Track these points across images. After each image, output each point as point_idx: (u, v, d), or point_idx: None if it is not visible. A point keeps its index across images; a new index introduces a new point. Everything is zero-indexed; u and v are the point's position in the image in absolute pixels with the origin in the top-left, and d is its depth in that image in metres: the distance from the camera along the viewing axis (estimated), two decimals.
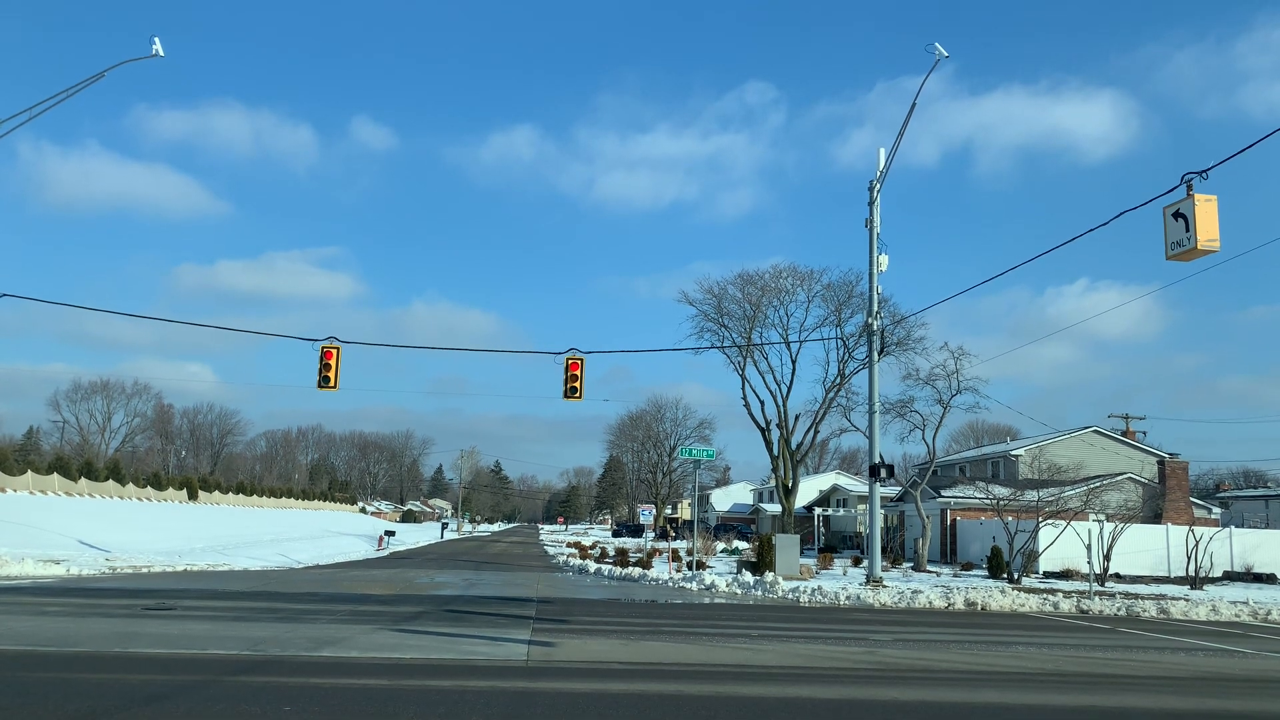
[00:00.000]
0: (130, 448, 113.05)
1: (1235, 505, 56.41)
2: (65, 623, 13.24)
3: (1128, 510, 36.75)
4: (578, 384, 25.04)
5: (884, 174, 26.67)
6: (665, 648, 12.73)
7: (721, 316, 48.44)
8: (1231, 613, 21.53)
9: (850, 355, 46.12)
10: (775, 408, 48.47)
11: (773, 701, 9.00)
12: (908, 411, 40.46)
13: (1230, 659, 14.01)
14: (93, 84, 21.42)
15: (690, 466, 61.33)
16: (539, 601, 19.48)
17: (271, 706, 7.91)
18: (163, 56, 21.09)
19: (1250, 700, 10.18)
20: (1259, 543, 37.14)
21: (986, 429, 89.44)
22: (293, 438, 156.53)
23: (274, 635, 12.41)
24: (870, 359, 28.12)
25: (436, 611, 16.66)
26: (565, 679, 9.91)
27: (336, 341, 24.70)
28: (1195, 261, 12.93)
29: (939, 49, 23.74)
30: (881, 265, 26.55)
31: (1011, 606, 21.99)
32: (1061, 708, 9.23)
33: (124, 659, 10.30)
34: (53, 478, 60.98)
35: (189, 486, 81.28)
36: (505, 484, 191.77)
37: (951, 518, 44.25)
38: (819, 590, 23.26)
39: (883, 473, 26.51)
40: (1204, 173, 12.43)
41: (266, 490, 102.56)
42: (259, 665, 10.08)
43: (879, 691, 9.84)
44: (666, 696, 8.99)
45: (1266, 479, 73.69)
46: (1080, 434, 52.32)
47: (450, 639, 12.72)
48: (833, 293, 46.74)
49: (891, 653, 13.01)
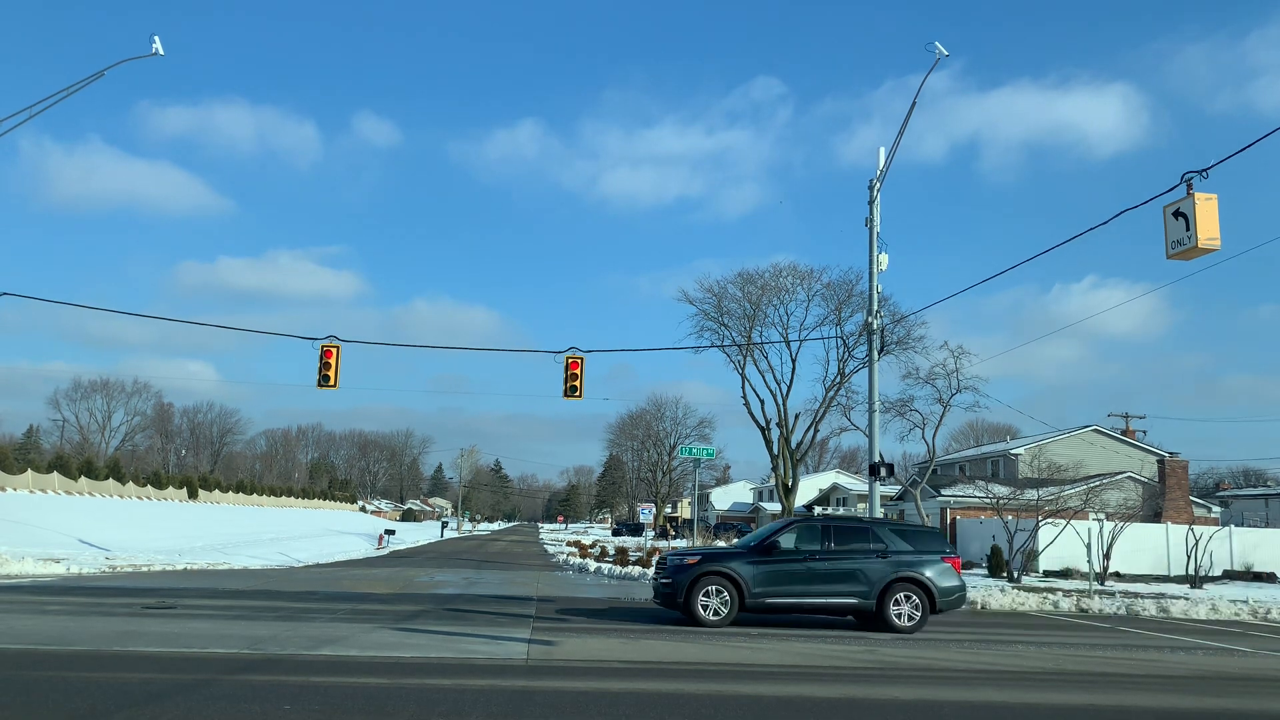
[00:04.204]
0: (130, 446, 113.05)
1: (1235, 504, 56.43)
2: (65, 621, 13.25)
3: (1127, 509, 36.73)
4: (578, 383, 25.05)
5: (884, 173, 26.66)
6: (665, 646, 12.74)
7: (721, 315, 48.42)
8: (1231, 611, 21.54)
9: (850, 354, 46.09)
10: (775, 406, 48.47)
11: (772, 700, 9.00)
12: (907, 410, 40.40)
13: (1230, 658, 14.02)
14: (93, 82, 21.42)
15: (690, 465, 61.46)
16: (539, 600, 19.50)
17: (272, 705, 7.91)
18: (163, 55, 21.09)
19: (1250, 699, 10.18)
20: (1259, 542, 37.15)
21: (986, 428, 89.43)
22: (293, 436, 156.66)
23: (274, 634, 12.42)
24: (870, 358, 28.10)
25: (436, 610, 16.67)
26: (565, 678, 9.92)
27: (336, 340, 24.72)
28: (1198, 260, 12.94)
29: (939, 48, 23.73)
30: (881, 264, 26.55)
31: (1011, 605, 22.00)
32: (1061, 706, 9.23)
33: (124, 658, 10.30)
34: (53, 476, 60.97)
35: (189, 485, 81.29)
36: (505, 483, 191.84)
37: (951, 516, 44.26)
38: None
39: (882, 471, 26.51)
40: (1204, 171, 12.43)
41: (266, 489, 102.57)
42: (259, 664, 10.09)
43: (879, 690, 9.85)
44: (666, 695, 9.00)
45: (1266, 478, 73.70)
46: (1080, 433, 52.34)
47: (450, 638, 12.73)
48: (833, 291, 46.72)
49: (891, 651, 13.02)
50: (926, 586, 15.56)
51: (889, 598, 15.45)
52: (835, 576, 15.58)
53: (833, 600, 15.61)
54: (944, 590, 15.68)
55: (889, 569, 15.60)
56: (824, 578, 15.57)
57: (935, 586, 15.58)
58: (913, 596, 15.51)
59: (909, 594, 15.51)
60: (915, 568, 15.68)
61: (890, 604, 15.42)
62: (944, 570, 15.88)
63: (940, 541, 16.75)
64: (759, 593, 15.30)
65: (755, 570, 15.42)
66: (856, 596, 15.53)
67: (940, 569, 15.84)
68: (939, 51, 23.82)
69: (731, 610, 15.18)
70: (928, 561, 15.83)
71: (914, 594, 15.52)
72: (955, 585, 15.95)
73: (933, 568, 15.77)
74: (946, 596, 15.74)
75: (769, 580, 15.41)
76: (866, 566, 15.62)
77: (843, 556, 15.75)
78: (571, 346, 24.97)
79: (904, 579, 15.55)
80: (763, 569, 15.47)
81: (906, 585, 15.54)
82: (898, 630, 15.27)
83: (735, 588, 15.25)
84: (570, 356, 24.99)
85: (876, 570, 15.58)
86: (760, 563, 15.56)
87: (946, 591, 15.73)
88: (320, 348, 24.61)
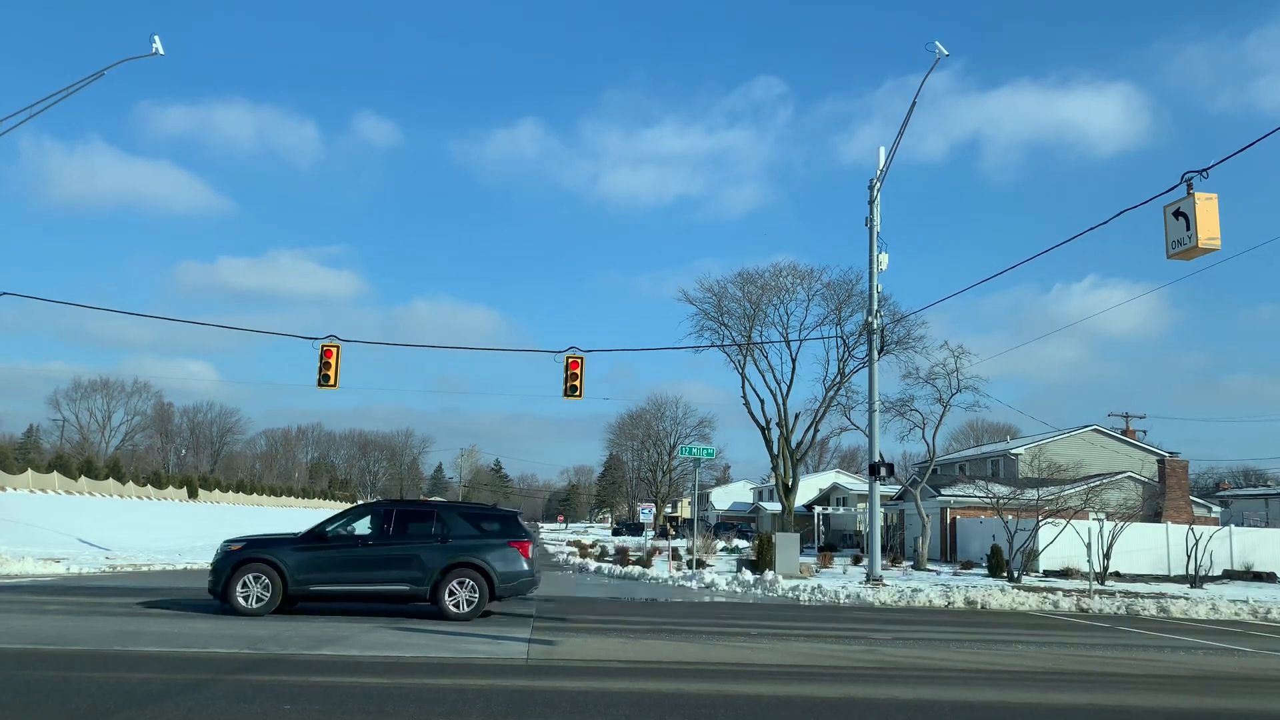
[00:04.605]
0: (130, 446, 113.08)
1: (1235, 504, 56.46)
2: (65, 621, 13.25)
3: (1127, 509, 36.76)
4: (578, 382, 25.07)
5: (884, 173, 26.69)
6: (665, 646, 12.74)
7: (721, 315, 48.45)
8: (1231, 611, 21.55)
9: (850, 354, 46.12)
10: (775, 406, 48.48)
11: (772, 700, 9.00)
12: (908, 410, 40.54)
13: (1230, 657, 14.03)
14: (93, 82, 21.44)
15: (690, 465, 61.43)
16: (539, 600, 19.50)
17: (271, 705, 7.91)
18: (162, 55, 21.13)
19: (1250, 699, 10.19)
20: (1259, 541, 37.19)
21: (986, 428, 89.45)
22: (293, 436, 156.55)
23: (274, 633, 12.42)
24: (870, 358, 28.15)
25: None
26: (565, 677, 9.92)
27: (336, 340, 24.76)
28: (1198, 260, 12.95)
29: (939, 48, 23.80)
30: (881, 264, 26.59)
31: (1011, 605, 22.01)
32: (1061, 706, 9.23)
33: (124, 657, 10.30)
34: (53, 476, 61.01)
35: (189, 485, 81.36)
36: (505, 482, 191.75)
37: (951, 516, 44.28)
38: (819, 589, 23.28)
39: (882, 471, 26.54)
40: (1204, 171, 12.45)
41: (266, 489, 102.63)
42: (259, 664, 10.09)
43: (879, 690, 9.85)
44: (666, 695, 9.00)
45: (1266, 478, 73.68)
46: (1080, 433, 52.37)
47: (450, 637, 12.73)
48: (833, 291, 46.74)
49: (891, 651, 13.02)
50: (485, 572, 14.98)
51: (445, 585, 14.89)
52: (389, 563, 14.98)
53: (384, 588, 14.98)
54: (505, 575, 15.07)
55: (447, 555, 15.01)
56: (377, 564, 14.97)
57: (495, 572, 14.98)
58: (469, 582, 14.93)
59: (465, 580, 14.94)
60: (476, 553, 15.09)
61: (445, 591, 14.87)
62: (508, 555, 15.27)
63: (512, 526, 15.93)
64: (303, 580, 14.71)
65: (302, 557, 14.80)
66: (410, 583, 14.92)
67: (504, 554, 15.25)
68: (939, 51, 23.89)
69: (274, 599, 14.55)
70: (491, 546, 15.24)
71: (471, 580, 14.94)
72: (519, 570, 15.29)
73: (495, 553, 15.18)
74: (508, 582, 15.14)
75: (316, 567, 14.80)
76: (424, 552, 15.03)
77: (401, 542, 15.17)
78: (571, 346, 25.05)
79: (462, 564, 15.00)
80: (310, 556, 14.85)
81: (464, 571, 14.98)
82: (452, 617, 14.69)
83: (279, 575, 14.60)
84: (570, 356, 25.02)
85: (434, 556, 15.00)
86: (309, 549, 14.94)
87: (508, 577, 15.12)
88: (320, 348, 24.64)
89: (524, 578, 15.47)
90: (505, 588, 15.22)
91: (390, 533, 15.32)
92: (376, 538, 15.27)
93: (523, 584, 15.51)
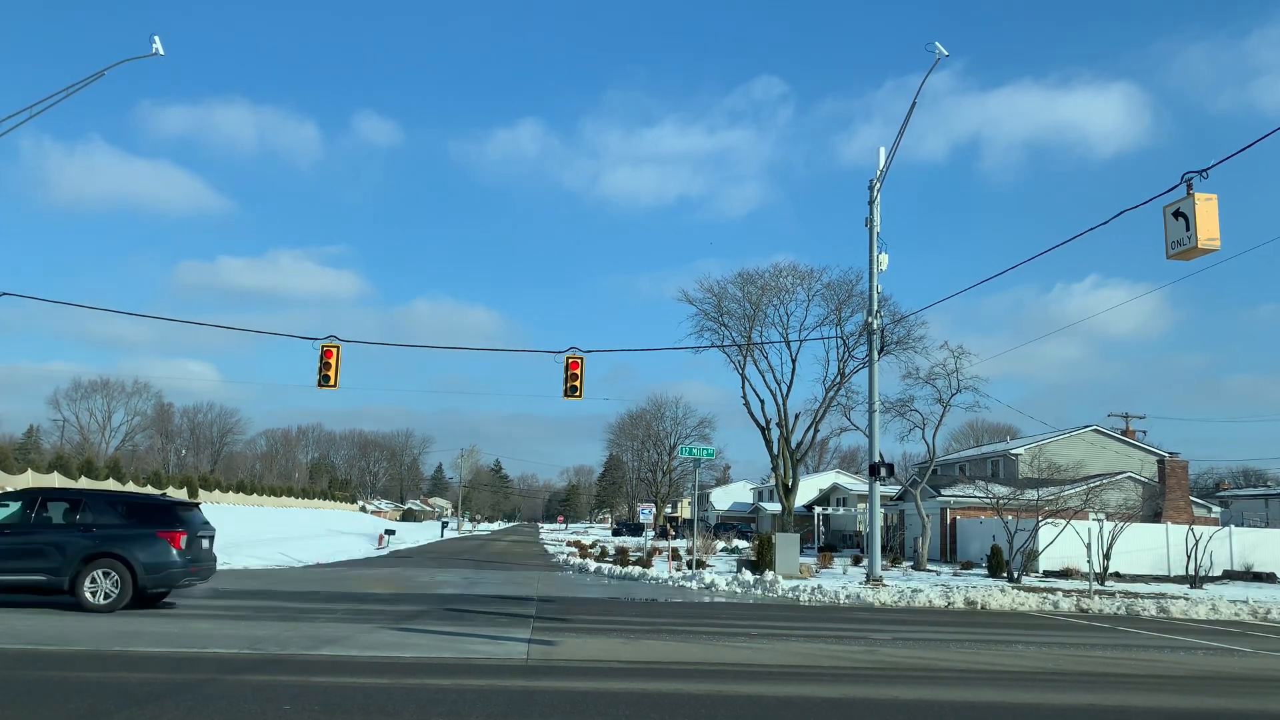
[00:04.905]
0: (130, 446, 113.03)
1: (1235, 504, 56.46)
2: (65, 621, 13.25)
3: (1127, 509, 36.76)
4: (578, 383, 25.06)
5: (884, 173, 26.68)
6: (665, 646, 12.74)
7: (721, 315, 48.44)
8: (1231, 611, 21.54)
9: (850, 354, 46.12)
10: (775, 406, 48.48)
11: (772, 700, 9.00)
12: (908, 410, 40.50)
13: (1230, 658, 14.03)
14: (93, 82, 21.43)
15: (690, 465, 61.40)
16: (539, 600, 19.50)
17: (271, 705, 7.91)
18: (163, 55, 21.11)
19: (1250, 699, 10.19)
20: (1259, 542, 37.17)
21: (986, 428, 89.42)
22: (293, 436, 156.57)
23: (274, 634, 12.42)
24: (870, 358, 28.15)
25: (437, 610, 16.68)
26: (565, 678, 9.92)
27: (336, 340, 24.77)
28: (1198, 260, 12.95)
29: (939, 48, 23.80)
30: (881, 264, 26.58)
31: (1011, 605, 22.00)
32: (1061, 706, 9.23)
33: (124, 658, 10.31)
34: (53, 476, 60.96)
35: (189, 485, 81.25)
36: (505, 483, 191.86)
37: (951, 517, 44.27)
38: (819, 589, 23.27)
39: (882, 472, 26.54)
40: (1204, 172, 12.44)
41: (267, 489, 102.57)
42: (259, 664, 10.09)
43: (879, 690, 9.85)
44: (666, 695, 9.00)
45: (1266, 478, 73.70)
46: (1080, 433, 52.36)
47: (450, 638, 12.74)
48: (833, 291, 46.73)
49: (891, 651, 13.02)
50: (129, 563, 14.50)
51: (85, 575, 14.39)
52: (25, 553, 14.43)
53: (18, 578, 14.42)
54: (150, 567, 14.64)
55: (89, 545, 14.52)
56: (14, 554, 14.41)
57: (138, 563, 14.53)
58: (112, 574, 14.45)
59: (107, 571, 14.46)
60: (121, 544, 14.61)
61: (85, 582, 14.36)
62: (156, 546, 14.80)
63: (166, 517, 15.38)
64: None
65: None
66: (45, 573, 14.37)
67: (153, 546, 14.78)
68: (939, 51, 23.90)
69: None
70: (139, 538, 14.75)
71: (114, 571, 14.47)
72: (166, 562, 14.84)
73: (142, 544, 14.70)
74: (154, 574, 14.73)
75: None
76: (66, 542, 14.53)
77: (43, 531, 14.70)
78: (571, 346, 25.06)
79: (103, 554, 14.50)
80: None
81: (106, 561, 14.49)
82: (91, 609, 14.22)
83: None
84: (570, 356, 25.02)
85: (75, 546, 14.49)
86: None
87: (154, 568, 14.69)
88: (320, 348, 24.65)
89: (173, 569, 15.00)
90: (150, 579, 14.77)
91: (33, 521, 14.86)
92: (17, 526, 14.75)
93: (173, 575, 15.08)
